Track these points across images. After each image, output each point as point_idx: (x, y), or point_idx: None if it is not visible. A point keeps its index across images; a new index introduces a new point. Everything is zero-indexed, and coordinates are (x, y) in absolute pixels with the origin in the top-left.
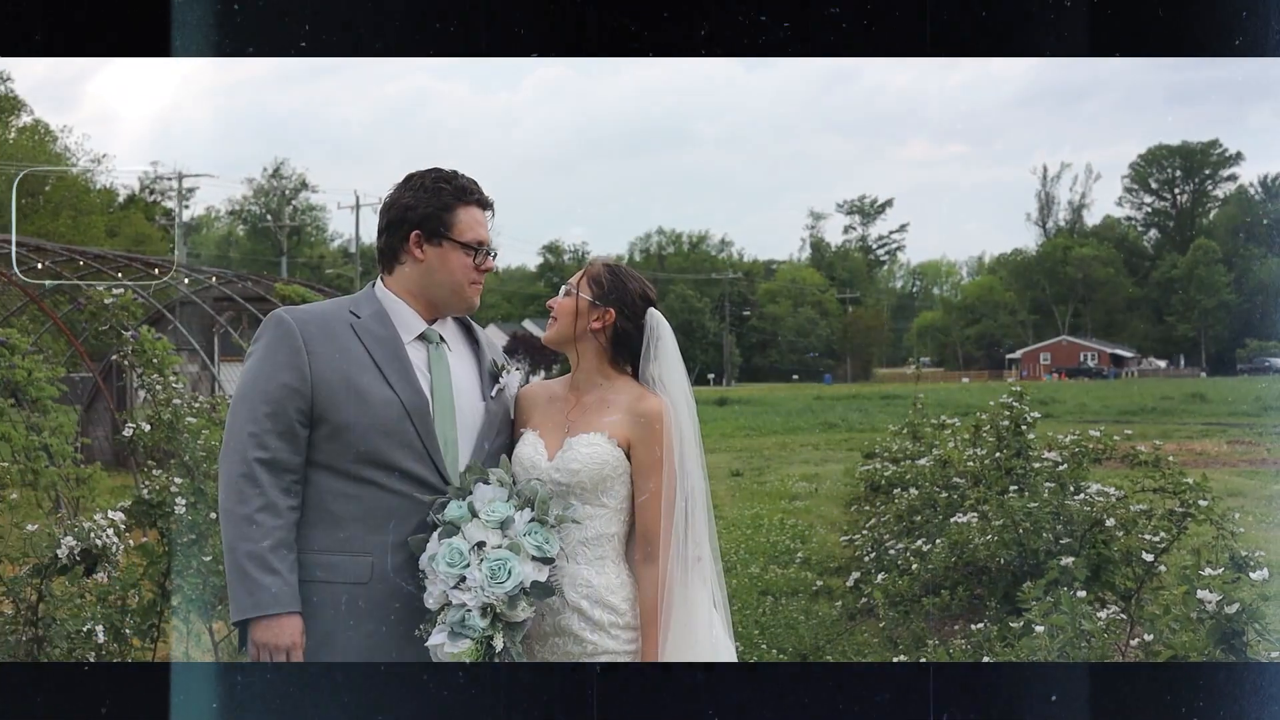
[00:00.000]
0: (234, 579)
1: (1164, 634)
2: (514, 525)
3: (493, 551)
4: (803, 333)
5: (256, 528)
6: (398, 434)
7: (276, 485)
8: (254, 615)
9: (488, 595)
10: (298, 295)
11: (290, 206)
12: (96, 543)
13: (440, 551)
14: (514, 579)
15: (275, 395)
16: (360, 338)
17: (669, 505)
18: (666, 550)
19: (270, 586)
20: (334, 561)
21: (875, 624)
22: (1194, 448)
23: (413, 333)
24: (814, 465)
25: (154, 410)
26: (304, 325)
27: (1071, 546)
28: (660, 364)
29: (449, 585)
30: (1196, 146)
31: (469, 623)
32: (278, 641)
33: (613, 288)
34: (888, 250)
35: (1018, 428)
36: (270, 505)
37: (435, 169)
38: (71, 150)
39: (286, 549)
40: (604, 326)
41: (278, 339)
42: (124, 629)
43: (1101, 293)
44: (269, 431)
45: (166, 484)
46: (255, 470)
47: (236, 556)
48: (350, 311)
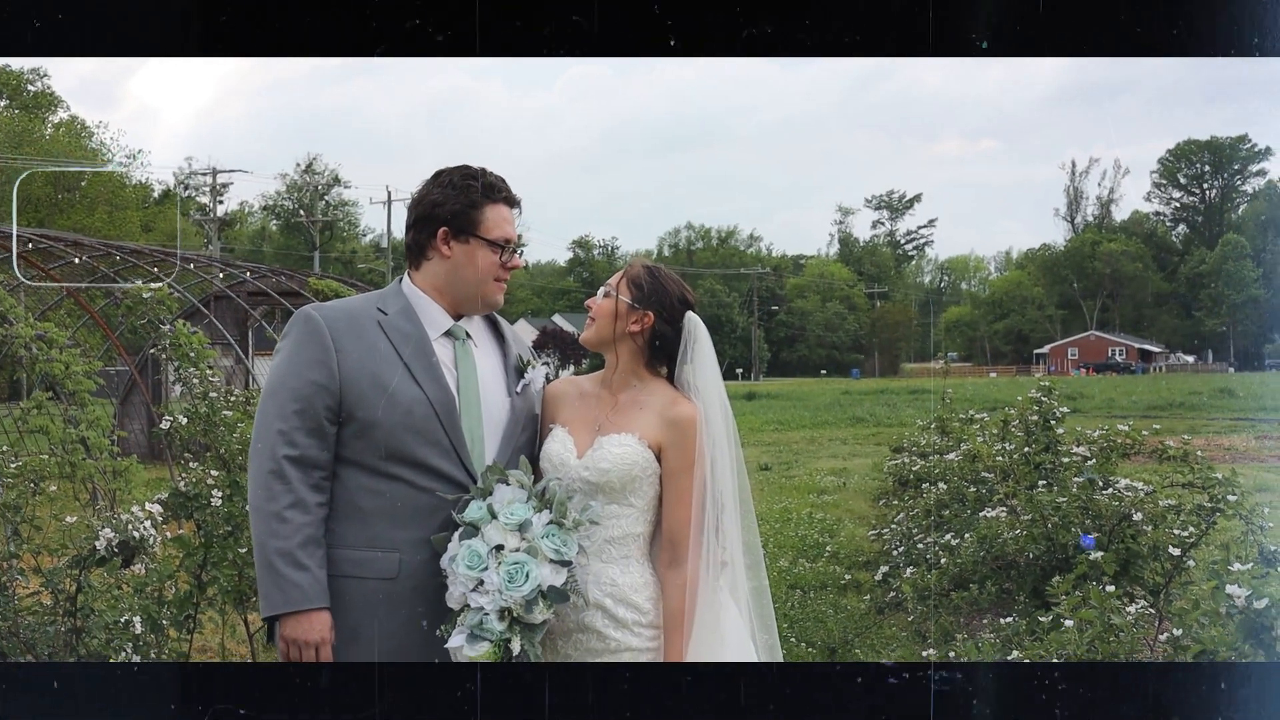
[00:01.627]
0: (264, 575)
1: (1192, 629)
2: (532, 528)
3: (510, 554)
4: (831, 328)
5: (286, 524)
6: (425, 431)
7: (305, 482)
8: (284, 611)
9: (505, 599)
10: (331, 290)
11: (323, 202)
12: (134, 535)
13: (460, 553)
14: (531, 582)
15: (304, 392)
16: (388, 334)
17: (698, 511)
18: (695, 555)
19: (300, 582)
20: (363, 557)
21: (904, 618)
22: (1222, 443)
23: (439, 329)
24: (842, 459)
25: (190, 403)
26: (332, 322)
27: (1100, 541)
28: (696, 367)
29: (467, 588)
30: (1225, 141)
31: (486, 625)
32: (307, 637)
33: (652, 290)
34: (916, 245)
35: (1047, 423)
36: (299, 502)
37: (464, 166)
38: (107, 146)
39: (315, 545)
40: (642, 329)
41: (306, 336)
42: (161, 620)
43: (1130, 288)
44: (298, 429)
45: (202, 476)
46: (284, 467)
47: (266, 553)
48: (378, 308)
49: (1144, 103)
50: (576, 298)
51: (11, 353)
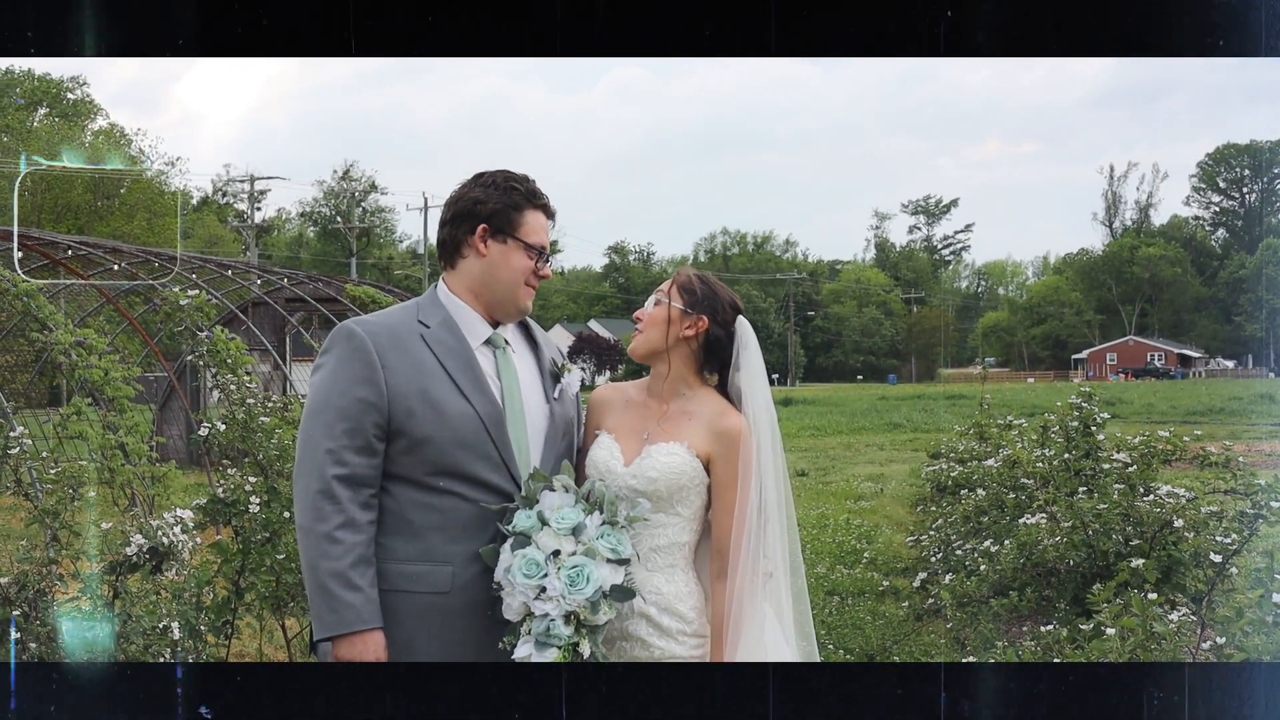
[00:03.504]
0: (317, 597)
1: (1236, 637)
2: (586, 530)
3: (569, 559)
4: (867, 333)
5: (337, 545)
6: (475, 445)
7: (355, 501)
8: (339, 633)
9: (569, 603)
10: (368, 296)
11: (360, 208)
12: (164, 540)
13: (515, 563)
14: (593, 584)
15: (351, 411)
16: (432, 349)
17: (741, 522)
18: (737, 566)
19: (354, 603)
20: (415, 571)
21: (942, 625)
22: (1263, 448)
23: (479, 338)
24: (879, 465)
25: (228, 410)
26: (376, 338)
27: (1141, 548)
28: (745, 373)
29: (530, 596)
30: (1265, 145)
31: (554, 631)
32: (362, 657)
33: (704, 295)
34: (953, 250)
35: (1087, 428)
36: (350, 521)
37: (505, 170)
38: (146, 153)
39: (367, 564)
40: (696, 334)
41: (350, 352)
42: (199, 625)
43: (1168, 293)
44: (346, 448)
45: (240, 483)
46: (334, 487)
47: (319, 575)
48: (419, 321)
49: (1187, 105)
50: (612, 303)
51: (51, 359)
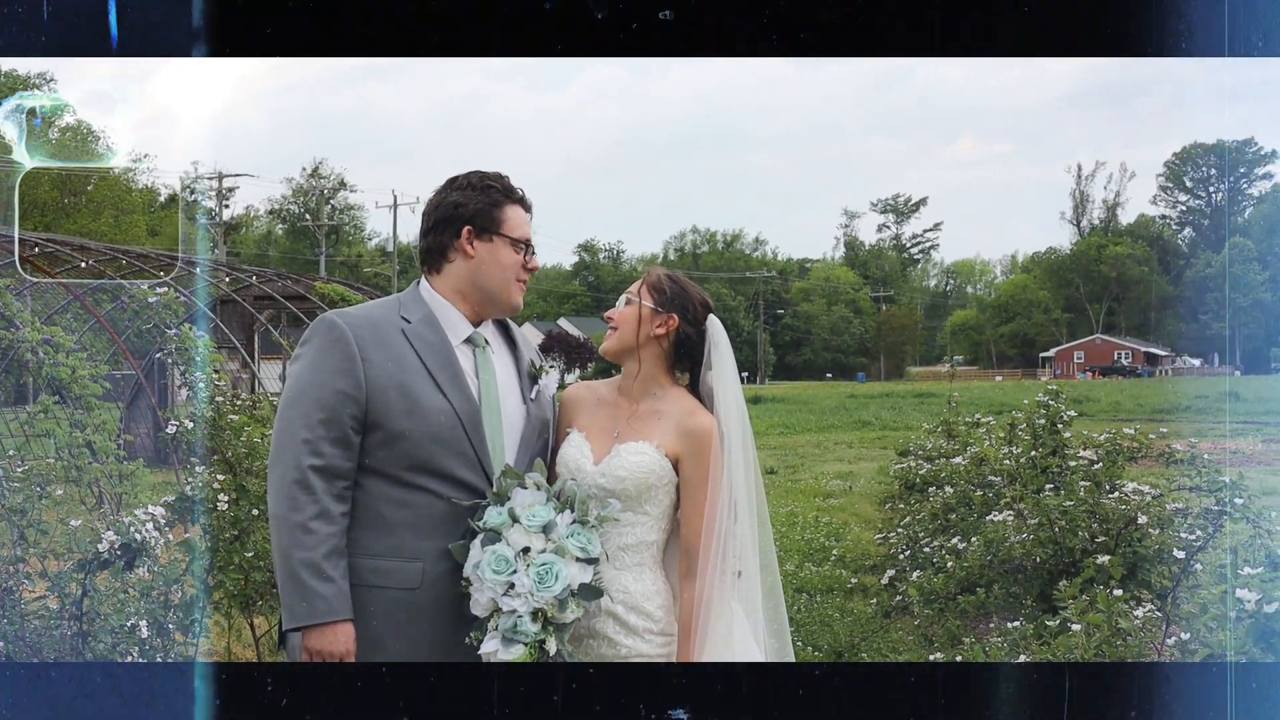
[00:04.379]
0: (288, 587)
1: (1200, 633)
2: (556, 528)
3: (538, 556)
4: (836, 331)
5: (311, 535)
6: (451, 442)
7: (330, 492)
8: (309, 623)
9: (537, 600)
10: (337, 294)
11: (329, 206)
12: (136, 537)
13: (485, 559)
14: (562, 582)
15: (329, 402)
16: (412, 344)
17: (710, 521)
18: (705, 565)
19: (325, 594)
20: (385, 566)
21: (910, 622)
22: (1229, 446)
23: (460, 336)
24: (848, 463)
25: (196, 408)
26: (357, 330)
27: (1107, 545)
28: (717, 372)
29: (498, 592)
30: (1231, 145)
31: (521, 628)
32: (332, 649)
33: (675, 294)
34: (921, 249)
35: (1054, 426)
36: (324, 512)
37: (478, 171)
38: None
39: (339, 556)
40: (667, 333)
41: (330, 344)
42: (167, 624)
43: (1135, 291)
44: (323, 438)
45: (209, 480)
46: (309, 477)
47: (291, 564)
48: (400, 316)
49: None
50: (582, 301)
51: (18, 356)
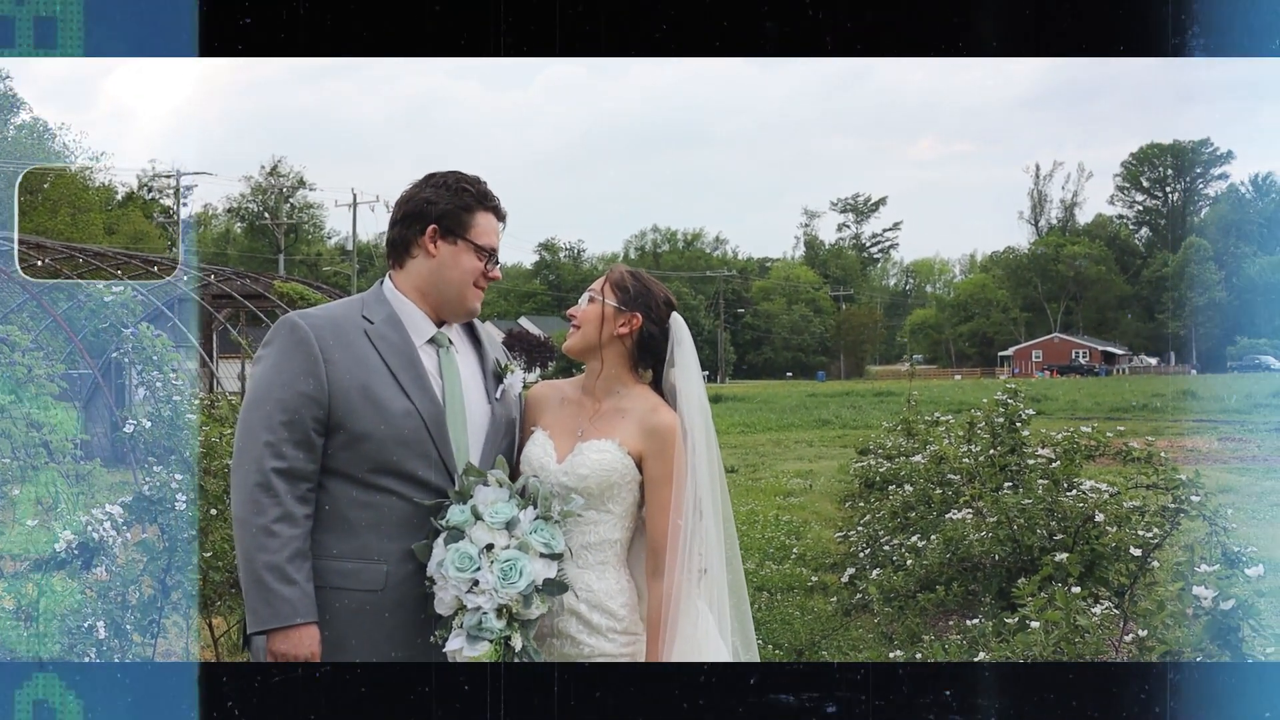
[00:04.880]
0: (252, 590)
1: (1158, 630)
2: (520, 525)
3: (502, 552)
4: (796, 330)
5: (274, 538)
6: (415, 443)
7: (293, 494)
8: (274, 626)
9: (502, 596)
10: (296, 293)
11: (288, 205)
12: (94, 537)
13: (449, 557)
14: (526, 578)
15: (292, 403)
16: (375, 345)
17: (675, 520)
18: (672, 564)
19: (289, 597)
20: (349, 568)
21: (870, 620)
22: (1185, 444)
23: (423, 336)
24: (808, 462)
25: (154, 407)
26: (319, 331)
27: (1065, 543)
28: (680, 370)
29: (462, 590)
30: (1188, 145)
31: (486, 625)
32: (296, 651)
33: (637, 292)
34: (881, 248)
35: (1012, 424)
36: (287, 515)
37: (457, 171)
38: (70, 148)
39: (303, 558)
40: (630, 331)
41: (292, 345)
42: (124, 625)
43: (1093, 290)
44: (286, 440)
45: (166, 480)
46: (272, 480)
47: (255, 567)
48: (363, 316)
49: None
50: (543, 300)
51: None
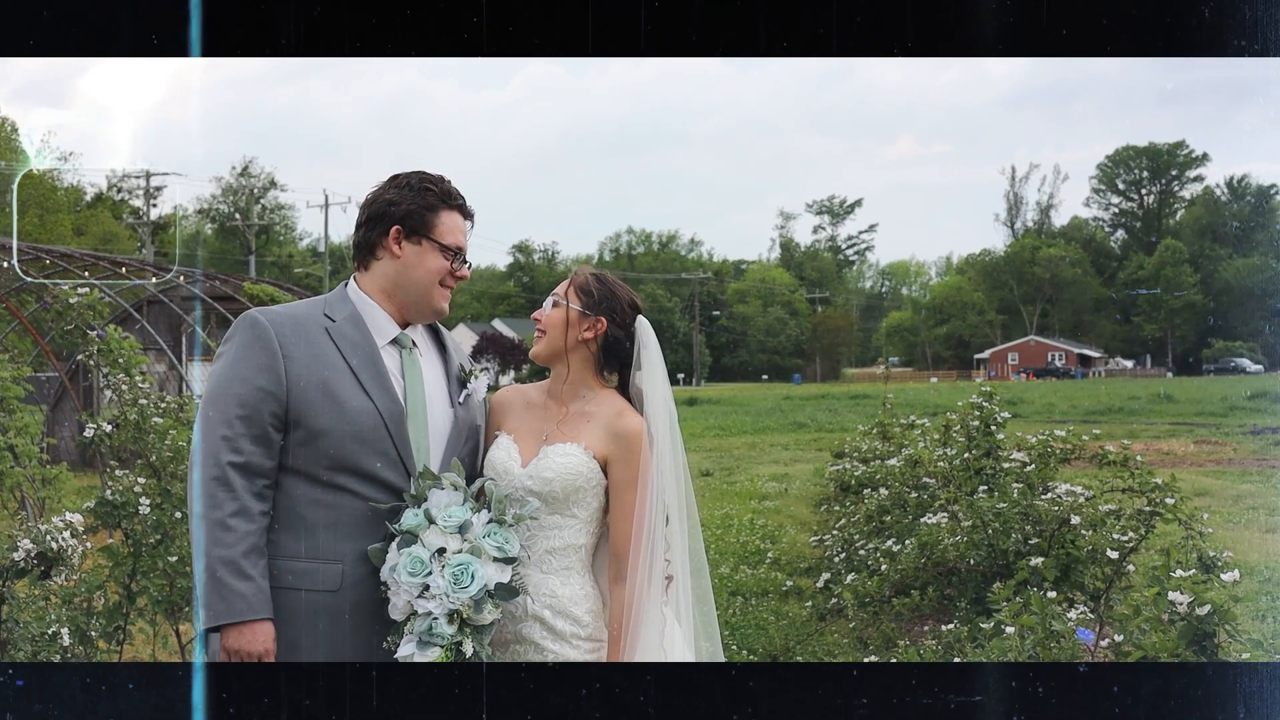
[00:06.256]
0: (207, 585)
1: (1134, 635)
2: (473, 528)
3: (454, 557)
4: (772, 333)
5: (230, 533)
6: (373, 442)
7: (249, 489)
8: (228, 621)
9: (453, 601)
10: (266, 295)
11: (259, 205)
12: (52, 545)
13: (401, 561)
14: (477, 582)
15: (249, 399)
16: (336, 343)
17: (639, 524)
18: (635, 569)
19: (244, 592)
20: (305, 568)
21: (845, 624)
22: (1161, 447)
23: (386, 337)
24: (783, 465)
25: (120, 410)
26: (279, 327)
27: (1040, 547)
28: (646, 373)
29: (413, 595)
30: (1163, 148)
31: (436, 630)
32: (250, 648)
33: (602, 296)
34: (857, 250)
35: (987, 428)
36: (244, 510)
37: (421, 171)
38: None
39: (259, 554)
40: (595, 335)
41: (252, 340)
42: (89, 631)
43: (1069, 293)
44: (243, 435)
45: (131, 485)
46: (228, 474)
47: (210, 562)
48: (325, 314)
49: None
50: (516, 302)
51: None
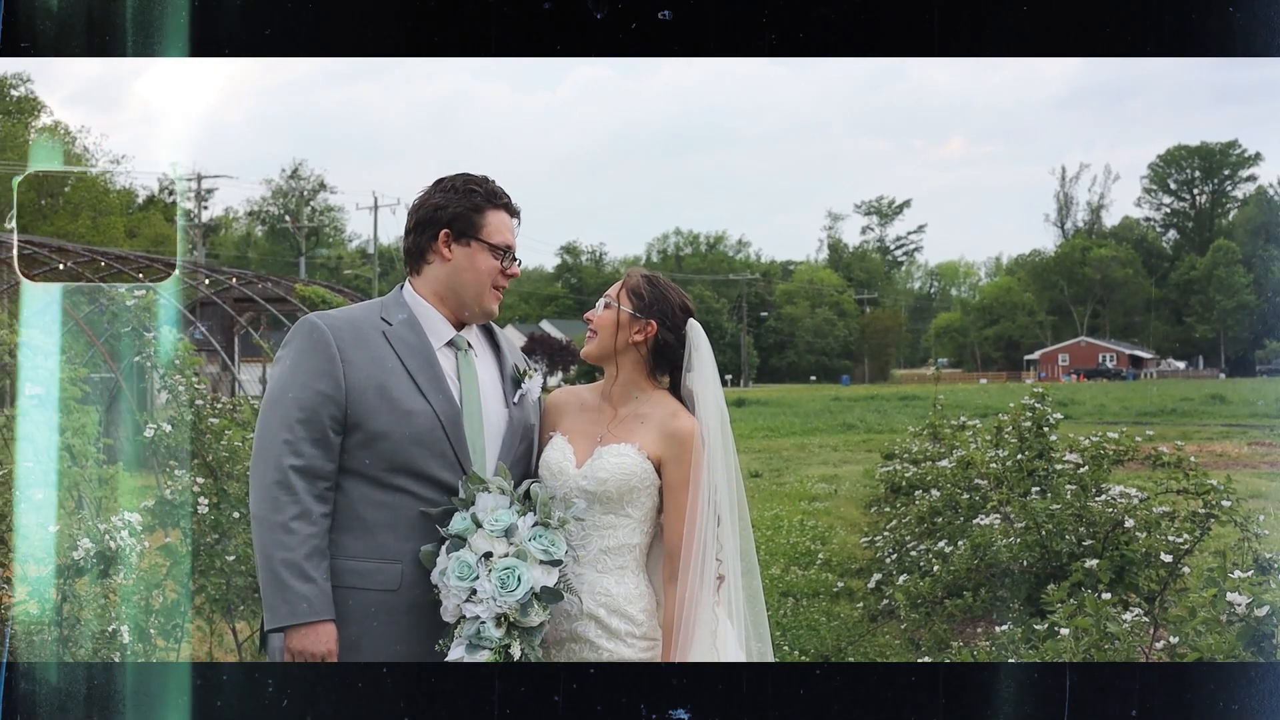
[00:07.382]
0: (270, 587)
1: (1189, 637)
2: (518, 532)
3: (500, 560)
4: (820, 334)
5: (292, 535)
6: (431, 443)
7: (311, 492)
8: (291, 623)
9: (500, 605)
10: (317, 296)
11: (308, 208)
12: (111, 545)
13: (449, 565)
14: (524, 586)
15: (309, 402)
16: (393, 346)
17: (691, 525)
18: (687, 569)
19: (307, 594)
20: (365, 568)
21: (897, 625)
22: (1214, 449)
23: (442, 339)
24: (833, 466)
25: (176, 411)
26: (337, 332)
27: (1094, 548)
28: (697, 375)
29: (461, 599)
30: (1215, 147)
31: (485, 634)
32: (314, 649)
33: (653, 299)
34: (905, 251)
35: (1040, 429)
36: (305, 512)
37: (465, 173)
38: (90, 151)
39: (321, 556)
40: (645, 339)
41: (311, 345)
42: (148, 629)
43: (1120, 294)
44: (303, 439)
45: (189, 484)
46: (290, 477)
47: (272, 565)
48: (381, 318)
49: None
50: (564, 304)
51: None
